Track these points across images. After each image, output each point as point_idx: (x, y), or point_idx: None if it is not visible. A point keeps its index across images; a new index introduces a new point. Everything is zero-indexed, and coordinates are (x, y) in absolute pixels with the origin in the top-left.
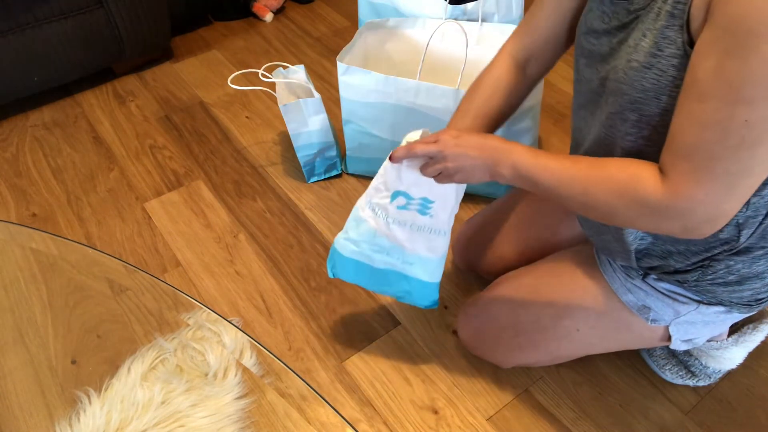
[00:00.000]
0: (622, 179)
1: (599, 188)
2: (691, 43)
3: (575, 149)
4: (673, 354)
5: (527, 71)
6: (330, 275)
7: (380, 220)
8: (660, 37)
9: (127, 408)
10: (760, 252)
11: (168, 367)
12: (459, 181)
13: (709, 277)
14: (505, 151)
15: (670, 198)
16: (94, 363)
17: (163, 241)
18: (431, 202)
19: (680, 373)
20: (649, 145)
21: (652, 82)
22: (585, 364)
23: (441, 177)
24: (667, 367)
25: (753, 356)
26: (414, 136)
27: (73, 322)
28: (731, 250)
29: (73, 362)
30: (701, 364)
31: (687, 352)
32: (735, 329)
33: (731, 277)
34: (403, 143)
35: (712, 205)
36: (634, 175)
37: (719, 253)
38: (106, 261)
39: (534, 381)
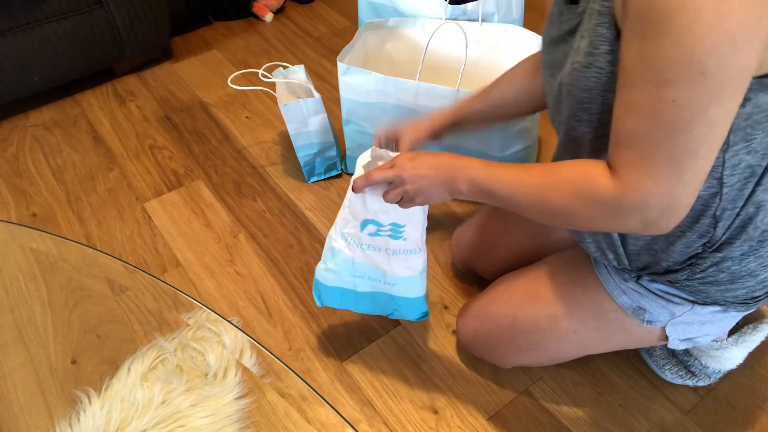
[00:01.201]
0: (575, 179)
1: (554, 192)
2: (620, 37)
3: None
4: (673, 354)
5: None
6: (318, 304)
7: (355, 248)
8: (594, 36)
9: (127, 408)
10: (746, 247)
11: (168, 367)
12: (421, 203)
13: (698, 276)
14: (460, 167)
15: (621, 192)
16: (94, 363)
17: (163, 241)
18: (401, 226)
19: (680, 373)
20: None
21: (593, 80)
22: (585, 364)
23: (403, 202)
24: (667, 367)
25: (753, 356)
26: (365, 158)
27: (73, 322)
28: (711, 244)
29: (73, 362)
30: (701, 364)
31: (687, 352)
32: (735, 329)
33: (722, 276)
34: (358, 167)
35: (663, 193)
36: (586, 174)
37: (700, 246)
38: (106, 261)
39: (534, 381)
